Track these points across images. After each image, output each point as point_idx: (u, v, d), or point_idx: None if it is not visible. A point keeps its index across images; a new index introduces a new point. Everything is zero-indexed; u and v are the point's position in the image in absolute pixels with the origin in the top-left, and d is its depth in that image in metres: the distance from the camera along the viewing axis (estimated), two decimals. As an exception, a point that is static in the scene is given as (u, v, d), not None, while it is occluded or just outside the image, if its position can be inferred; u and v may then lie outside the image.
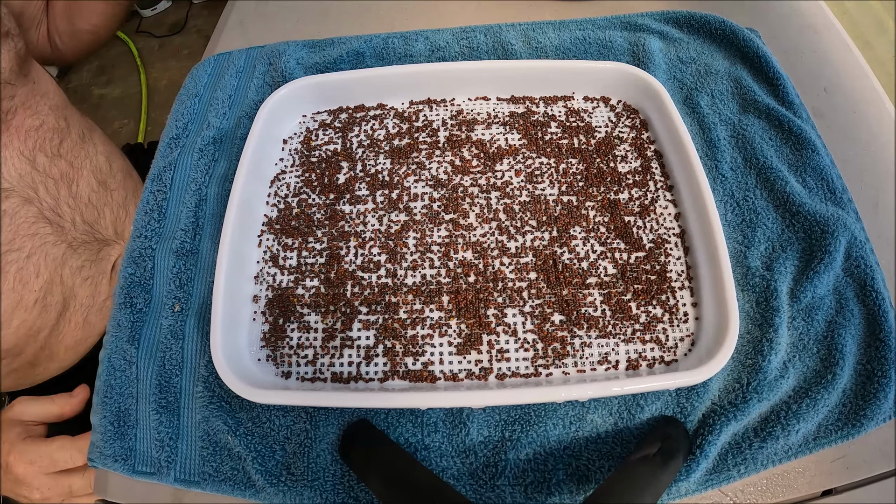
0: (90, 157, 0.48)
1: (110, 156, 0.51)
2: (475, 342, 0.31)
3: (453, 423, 0.30)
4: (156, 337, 0.34)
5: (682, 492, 0.28)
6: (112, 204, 0.49)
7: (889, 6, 0.46)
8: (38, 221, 0.42)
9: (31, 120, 0.42)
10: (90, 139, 0.49)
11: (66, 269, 0.44)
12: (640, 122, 0.38)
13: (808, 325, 0.31)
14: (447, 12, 0.48)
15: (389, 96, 0.40)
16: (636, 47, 0.41)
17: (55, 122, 0.44)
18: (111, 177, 0.50)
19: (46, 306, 0.43)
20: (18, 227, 0.41)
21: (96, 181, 0.48)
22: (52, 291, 0.43)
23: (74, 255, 0.45)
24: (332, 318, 0.33)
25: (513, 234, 0.34)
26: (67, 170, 0.45)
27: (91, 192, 0.47)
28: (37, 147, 0.42)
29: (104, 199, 0.48)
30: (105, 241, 0.48)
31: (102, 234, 0.48)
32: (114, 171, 0.50)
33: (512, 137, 0.38)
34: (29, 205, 0.41)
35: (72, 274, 0.45)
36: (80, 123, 0.48)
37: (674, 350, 0.31)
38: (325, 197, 0.37)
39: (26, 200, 0.41)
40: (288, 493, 0.29)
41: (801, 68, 0.42)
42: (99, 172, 0.49)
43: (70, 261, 0.45)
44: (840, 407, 0.29)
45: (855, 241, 0.32)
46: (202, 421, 0.31)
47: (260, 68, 0.43)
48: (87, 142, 0.48)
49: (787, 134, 0.36)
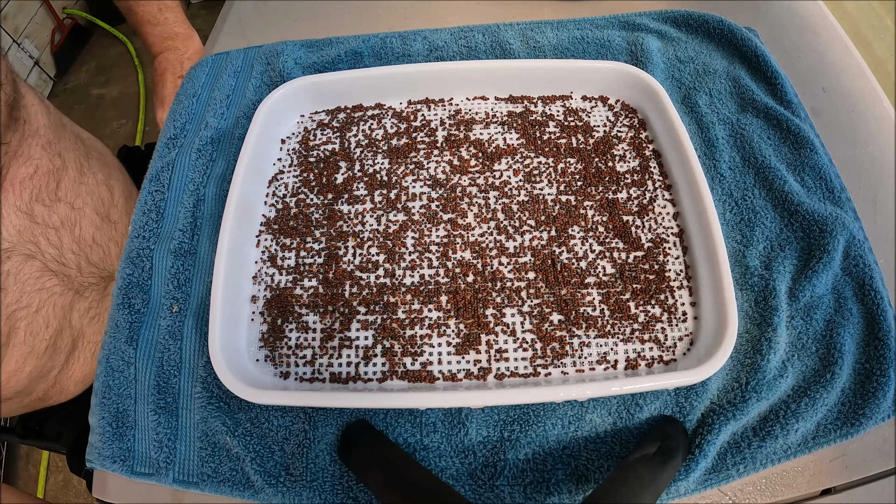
0: (91, 192, 0.45)
1: (110, 179, 0.48)
2: (474, 342, 0.31)
3: (452, 423, 0.30)
4: (154, 337, 0.34)
5: (682, 491, 0.28)
6: (117, 237, 0.47)
7: (887, 6, 0.46)
8: (44, 275, 0.40)
9: (24, 169, 0.39)
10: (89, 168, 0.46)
11: (75, 313, 0.43)
12: (638, 121, 0.38)
13: (806, 325, 0.31)
14: (445, 12, 0.48)
15: (387, 96, 0.40)
16: (634, 47, 0.41)
17: (50, 163, 0.41)
18: (113, 207, 0.47)
19: (57, 350, 0.42)
20: (24, 285, 0.39)
21: (99, 217, 0.45)
22: (62, 336, 0.42)
23: (81, 300, 0.44)
24: (331, 318, 0.33)
25: (511, 233, 0.34)
26: (68, 213, 0.42)
27: (95, 230, 0.44)
28: (33, 198, 0.39)
29: (109, 235, 0.46)
30: (111, 277, 0.46)
31: (109, 270, 0.46)
32: (115, 199, 0.48)
33: (510, 137, 0.38)
34: (32, 260, 0.39)
35: (80, 316, 0.44)
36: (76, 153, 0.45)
37: (673, 349, 0.31)
38: (323, 197, 0.37)
39: (28, 257, 0.39)
40: (287, 493, 0.29)
41: (799, 68, 0.42)
42: (101, 206, 0.46)
43: (78, 305, 0.43)
44: (839, 406, 0.29)
45: (853, 240, 0.32)
46: (201, 421, 0.31)
47: (258, 68, 0.43)
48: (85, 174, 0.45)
49: (786, 133, 0.36)
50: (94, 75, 1.51)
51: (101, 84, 1.49)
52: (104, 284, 0.46)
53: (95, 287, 0.45)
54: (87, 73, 1.51)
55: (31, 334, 0.40)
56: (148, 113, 1.40)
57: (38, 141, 0.40)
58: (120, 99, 1.45)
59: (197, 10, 1.56)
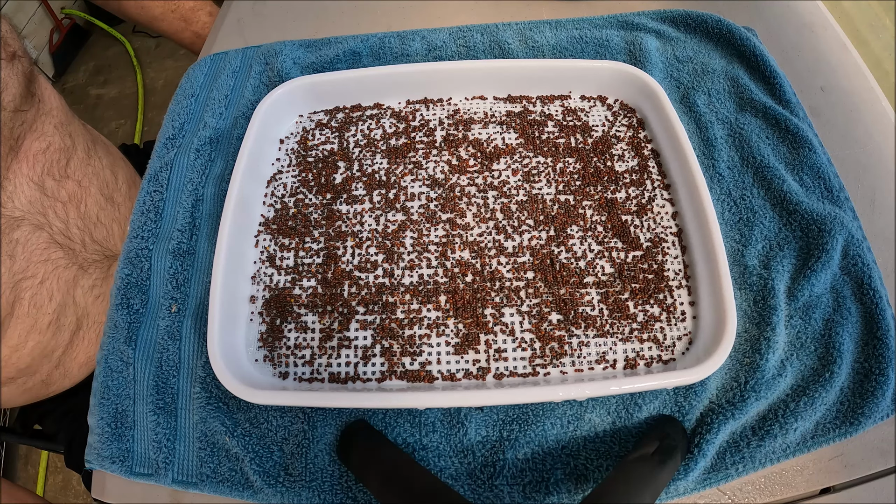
0: (97, 174, 0.47)
1: (114, 166, 0.50)
2: (473, 342, 0.31)
3: (451, 422, 0.30)
4: (153, 338, 0.34)
5: (681, 491, 0.28)
6: (120, 219, 0.49)
7: (886, 5, 0.46)
8: (50, 247, 0.42)
9: (38, 143, 0.41)
10: (95, 153, 0.48)
11: (79, 289, 0.44)
12: (636, 120, 0.38)
13: (805, 324, 0.31)
14: (444, 12, 0.48)
15: (386, 96, 0.40)
16: (633, 46, 0.41)
17: (61, 141, 0.43)
18: (117, 190, 0.49)
19: (60, 327, 0.43)
20: (31, 255, 0.40)
21: (103, 198, 0.47)
22: (66, 313, 0.43)
23: (86, 276, 0.45)
24: (330, 318, 0.33)
25: (510, 233, 0.34)
26: (76, 190, 0.44)
27: (99, 209, 0.47)
28: (45, 171, 0.42)
29: (112, 216, 0.48)
30: (114, 257, 0.48)
31: (112, 250, 0.47)
32: (119, 184, 0.50)
33: (509, 137, 0.38)
34: (40, 231, 0.41)
35: (84, 294, 0.45)
36: (84, 137, 0.47)
37: (671, 349, 0.31)
38: (321, 197, 0.37)
39: (37, 227, 0.41)
40: (286, 493, 0.29)
41: (798, 67, 0.42)
42: (106, 188, 0.48)
43: (82, 281, 0.44)
44: (838, 405, 0.29)
45: (852, 239, 0.32)
46: (199, 422, 0.31)
47: (256, 68, 0.43)
48: (92, 156, 0.47)
49: (784, 132, 0.36)
50: (92, 75, 1.51)
51: (100, 84, 1.49)
52: (108, 263, 0.47)
53: (99, 265, 0.46)
54: (85, 73, 1.51)
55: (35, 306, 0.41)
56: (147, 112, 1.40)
57: (52, 120, 0.43)
58: (118, 99, 1.45)
59: (195, 10, 1.56)
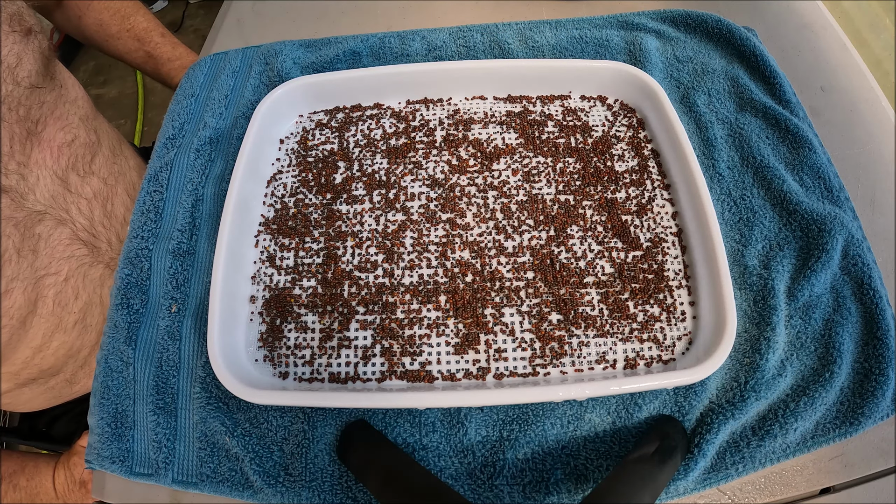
0: (123, 174, 0.46)
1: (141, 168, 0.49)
2: (473, 342, 0.31)
3: (451, 422, 0.30)
4: (153, 338, 0.34)
5: (681, 491, 0.28)
6: None
7: (886, 5, 0.46)
8: (73, 243, 0.41)
9: (62, 134, 0.40)
10: (121, 153, 0.47)
11: (106, 289, 0.43)
12: (636, 120, 0.38)
13: (805, 324, 0.31)
14: (444, 12, 0.48)
15: (386, 96, 0.40)
16: (633, 46, 0.41)
17: (86, 135, 0.42)
18: None
19: (87, 327, 0.42)
20: (54, 251, 0.39)
21: (130, 199, 0.46)
22: (92, 312, 0.43)
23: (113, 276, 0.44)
24: (330, 318, 0.33)
25: (510, 233, 0.34)
26: (101, 188, 0.43)
27: (126, 210, 0.45)
28: (69, 166, 0.40)
29: None
30: None
31: None
32: None
33: (509, 137, 0.38)
34: (62, 226, 0.40)
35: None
36: (110, 136, 0.46)
37: (671, 349, 0.31)
38: (321, 197, 0.37)
39: (59, 222, 0.40)
40: (286, 493, 0.29)
41: (798, 67, 0.42)
42: (133, 189, 0.47)
43: (109, 281, 0.43)
44: (838, 405, 0.29)
45: (852, 239, 0.32)
46: (199, 422, 0.31)
47: (256, 68, 0.43)
48: (118, 156, 0.46)
49: (784, 132, 0.36)
50: (92, 75, 1.51)
51: (100, 84, 1.49)
52: None
53: None
54: (85, 73, 1.51)
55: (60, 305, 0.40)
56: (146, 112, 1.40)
57: (77, 111, 0.42)
58: (118, 99, 1.45)
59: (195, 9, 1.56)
